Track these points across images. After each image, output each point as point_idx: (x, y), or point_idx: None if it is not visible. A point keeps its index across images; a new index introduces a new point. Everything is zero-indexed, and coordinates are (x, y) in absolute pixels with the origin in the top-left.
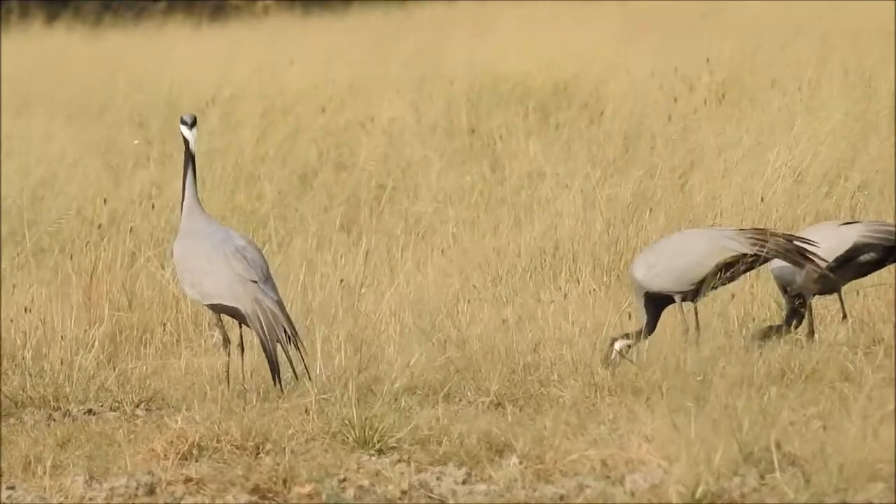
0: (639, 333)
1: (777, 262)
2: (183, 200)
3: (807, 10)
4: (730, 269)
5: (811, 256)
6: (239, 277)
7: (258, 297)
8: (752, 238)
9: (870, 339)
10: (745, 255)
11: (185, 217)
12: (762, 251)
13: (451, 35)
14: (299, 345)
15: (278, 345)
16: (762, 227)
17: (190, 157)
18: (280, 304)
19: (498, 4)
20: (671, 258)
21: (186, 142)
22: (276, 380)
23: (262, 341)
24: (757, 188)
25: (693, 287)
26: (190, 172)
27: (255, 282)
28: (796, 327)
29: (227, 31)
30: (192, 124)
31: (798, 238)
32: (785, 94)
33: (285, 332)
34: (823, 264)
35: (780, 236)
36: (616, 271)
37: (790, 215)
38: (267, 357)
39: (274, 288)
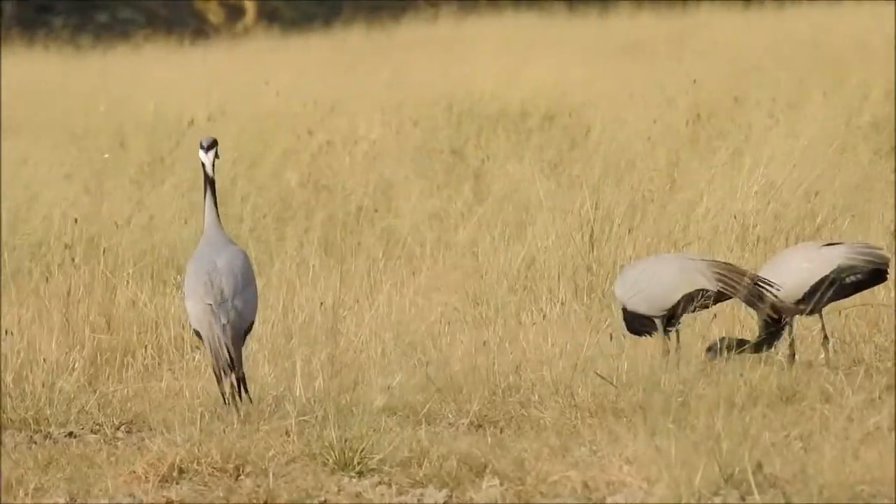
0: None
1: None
2: (204, 224)
3: (789, 32)
4: (697, 302)
5: (770, 298)
6: (200, 301)
7: (210, 321)
8: (718, 274)
9: (850, 360)
10: (710, 291)
11: (202, 241)
12: (727, 290)
13: (433, 56)
14: (237, 370)
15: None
16: (731, 262)
17: (209, 181)
18: (229, 327)
19: (478, 26)
20: (644, 282)
21: (203, 165)
22: (224, 401)
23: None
24: (736, 207)
25: (665, 313)
26: (209, 196)
27: (210, 304)
28: (770, 347)
29: (207, 52)
30: (209, 147)
31: (760, 278)
32: (765, 115)
33: (230, 355)
34: (781, 305)
35: (747, 277)
36: (596, 292)
37: (768, 233)
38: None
39: (233, 310)
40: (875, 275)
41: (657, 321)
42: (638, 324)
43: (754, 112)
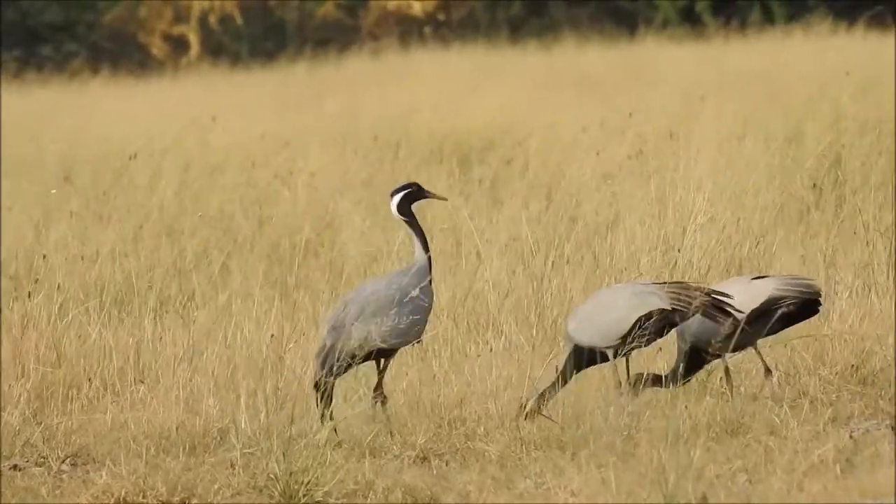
0: (553, 385)
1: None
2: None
3: (735, 65)
4: (652, 325)
5: (730, 311)
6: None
7: (320, 338)
8: (671, 293)
9: (795, 393)
10: (664, 310)
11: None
12: (681, 307)
13: (377, 90)
14: (322, 388)
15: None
16: (681, 280)
17: (409, 222)
18: (323, 349)
19: (424, 60)
20: (597, 313)
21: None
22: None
23: None
24: (678, 240)
25: (618, 342)
26: (414, 232)
27: (327, 324)
28: (684, 379)
29: (153, 86)
30: (394, 192)
31: (716, 292)
32: (711, 147)
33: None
34: (741, 317)
35: (700, 291)
36: (541, 325)
37: (707, 265)
38: None
39: (345, 335)
40: (807, 306)
41: (609, 353)
42: (590, 358)
43: (698, 144)
